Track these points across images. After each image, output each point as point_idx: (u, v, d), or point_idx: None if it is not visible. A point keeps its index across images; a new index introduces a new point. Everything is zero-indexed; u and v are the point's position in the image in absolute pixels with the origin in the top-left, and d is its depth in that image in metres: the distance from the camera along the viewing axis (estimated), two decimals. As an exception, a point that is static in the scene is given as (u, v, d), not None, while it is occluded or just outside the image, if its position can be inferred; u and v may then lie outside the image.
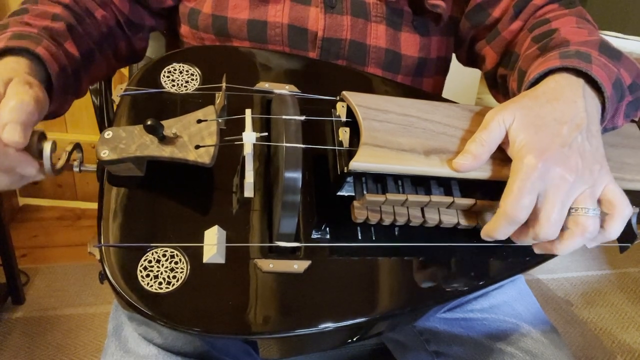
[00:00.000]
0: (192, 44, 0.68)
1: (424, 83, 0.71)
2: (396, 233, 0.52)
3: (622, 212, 0.46)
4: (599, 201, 0.47)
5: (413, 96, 0.54)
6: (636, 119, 0.59)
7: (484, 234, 0.47)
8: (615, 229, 0.47)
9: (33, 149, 0.44)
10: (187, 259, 0.46)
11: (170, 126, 0.47)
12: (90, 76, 0.61)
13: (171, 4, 0.68)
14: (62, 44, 0.55)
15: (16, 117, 0.41)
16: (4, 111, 0.41)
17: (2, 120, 0.41)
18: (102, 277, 0.46)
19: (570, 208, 0.45)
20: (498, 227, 0.46)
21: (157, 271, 0.45)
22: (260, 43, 0.64)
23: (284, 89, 0.57)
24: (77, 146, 0.46)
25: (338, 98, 0.53)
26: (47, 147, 0.44)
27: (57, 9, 0.58)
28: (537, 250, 0.49)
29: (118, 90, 0.54)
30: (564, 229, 0.45)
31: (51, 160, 0.44)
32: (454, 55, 0.75)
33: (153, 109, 0.54)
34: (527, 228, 0.46)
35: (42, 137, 0.45)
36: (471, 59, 0.74)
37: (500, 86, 0.68)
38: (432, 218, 0.50)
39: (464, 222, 0.50)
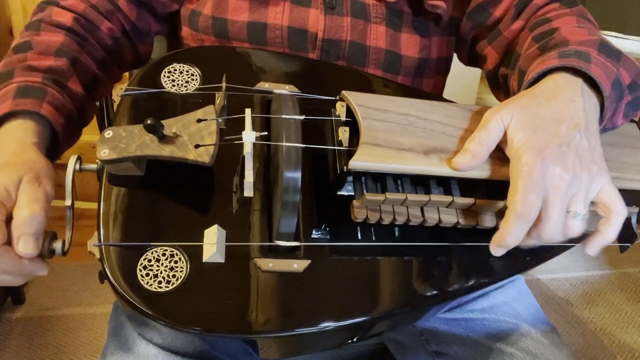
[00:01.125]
0: (192, 46, 0.68)
1: (424, 83, 0.71)
2: (396, 232, 0.52)
3: (618, 216, 0.46)
4: (595, 204, 0.47)
5: (413, 96, 0.54)
6: (636, 119, 0.59)
7: (495, 244, 0.47)
8: (611, 232, 0.47)
9: (44, 251, 0.45)
10: (186, 258, 0.46)
11: (170, 125, 0.47)
12: (95, 99, 0.63)
13: (177, 7, 0.68)
14: (65, 85, 0.56)
15: (28, 230, 0.43)
16: (17, 224, 0.43)
17: (15, 234, 0.43)
18: (102, 276, 0.46)
19: None
20: (510, 229, 0.45)
21: (157, 270, 0.45)
22: (260, 45, 0.64)
23: (284, 89, 0.57)
24: (55, 236, 0.47)
25: (338, 98, 0.53)
26: (58, 247, 0.46)
27: (59, 37, 0.58)
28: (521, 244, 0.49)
29: (118, 90, 0.54)
30: None
31: (63, 253, 0.47)
32: (455, 55, 0.75)
33: (153, 108, 0.54)
34: (530, 229, 0.45)
35: (53, 237, 0.46)
36: (472, 59, 0.74)
37: (502, 86, 0.68)
38: (431, 217, 0.50)
39: (463, 222, 0.51)
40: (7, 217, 0.44)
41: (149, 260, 0.45)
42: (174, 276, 0.45)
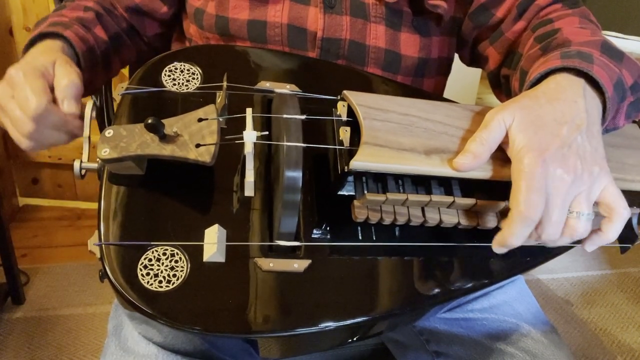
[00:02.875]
0: (199, 43, 0.69)
1: (424, 83, 0.71)
2: (396, 233, 0.52)
3: (620, 216, 0.46)
4: (597, 204, 0.47)
5: (414, 96, 0.54)
6: (637, 120, 0.59)
7: (498, 244, 0.46)
8: (613, 232, 0.47)
9: (82, 114, 0.53)
10: (187, 258, 0.46)
11: (171, 125, 0.47)
12: (121, 57, 0.70)
13: (166, 10, 0.69)
14: (91, 29, 0.64)
15: (70, 93, 0.52)
16: (60, 89, 0.52)
17: (60, 97, 0.52)
18: (102, 275, 0.46)
19: None
20: (514, 230, 0.44)
21: (157, 270, 0.45)
22: (260, 43, 0.64)
23: (285, 88, 0.57)
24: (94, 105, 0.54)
25: (339, 97, 0.53)
26: (88, 108, 0.53)
27: (89, 2, 0.67)
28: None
29: (119, 89, 0.54)
30: None
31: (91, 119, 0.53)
32: (455, 55, 0.75)
33: (154, 107, 0.54)
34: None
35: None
36: (474, 59, 0.73)
37: (504, 86, 0.68)
38: (432, 218, 0.50)
39: (464, 222, 0.50)
40: (50, 87, 0.52)
41: (150, 260, 0.45)
42: (174, 275, 0.45)
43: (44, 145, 0.54)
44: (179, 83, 0.55)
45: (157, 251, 0.46)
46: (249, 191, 0.50)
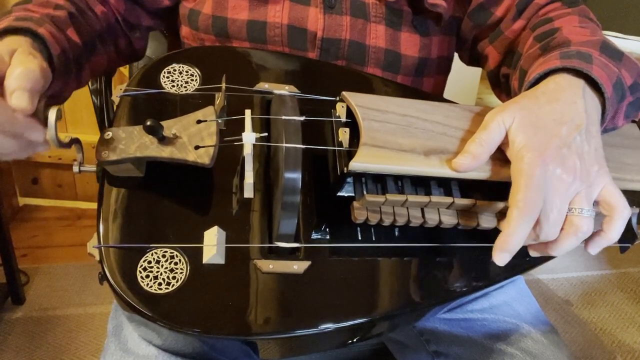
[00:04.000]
0: (193, 45, 0.68)
1: (424, 83, 0.71)
2: (396, 233, 0.52)
3: (621, 214, 0.46)
4: (598, 203, 0.47)
5: (413, 96, 0.54)
6: (636, 119, 0.59)
7: (499, 248, 0.44)
8: (615, 231, 0.47)
9: (40, 116, 0.43)
10: (186, 260, 0.46)
11: (170, 127, 0.47)
12: (92, 66, 0.61)
13: (168, 4, 0.68)
14: (64, 30, 0.55)
15: (23, 84, 0.42)
16: (11, 78, 0.42)
17: (9, 87, 0.42)
18: (102, 278, 0.46)
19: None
20: (514, 228, 0.43)
21: (157, 272, 0.45)
22: (260, 43, 0.64)
23: (284, 90, 0.57)
24: (77, 141, 0.46)
25: (338, 98, 0.53)
26: (52, 114, 0.43)
27: (59, 0, 0.58)
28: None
29: (118, 90, 0.54)
30: None
31: (56, 128, 0.43)
32: (455, 54, 0.75)
33: (153, 109, 0.54)
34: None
35: (49, 104, 0.44)
36: (474, 59, 0.73)
37: (503, 85, 0.68)
38: (432, 218, 0.50)
39: (464, 223, 0.50)
40: (0, 80, 0.42)
41: (149, 262, 0.45)
42: (174, 278, 0.45)
43: None
44: (177, 85, 0.55)
45: (156, 253, 0.46)
46: (248, 193, 0.50)
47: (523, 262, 0.54)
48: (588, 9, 0.63)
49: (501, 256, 0.44)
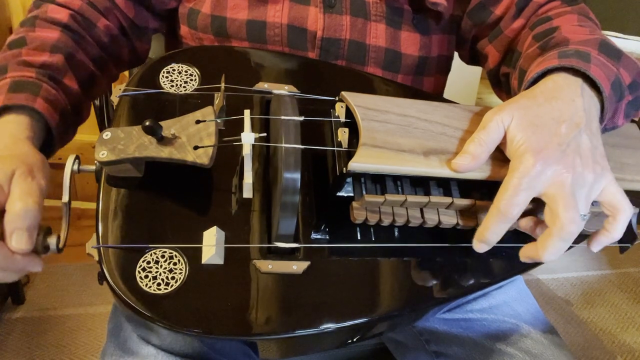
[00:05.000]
0: (191, 45, 0.68)
1: (424, 82, 0.71)
2: (395, 234, 0.52)
3: (624, 214, 0.46)
4: (600, 202, 0.47)
5: (413, 96, 0.54)
6: (636, 119, 0.59)
7: (477, 239, 0.47)
8: (617, 231, 0.47)
9: (38, 246, 0.44)
10: (185, 260, 0.46)
11: (169, 127, 0.47)
12: (91, 98, 0.62)
13: (175, 5, 0.68)
14: (61, 81, 0.55)
15: (21, 224, 0.42)
16: (9, 217, 0.42)
17: (8, 229, 0.42)
18: (101, 278, 0.46)
19: None
20: (490, 226, 0.45)
21: (156, 272, 0.45)
22: (260, 43, 0.64)
23: (283, 90, 0.57)
24: (49, 231, 0.46)
25: (337, 98, 0.53)
26: (53, 243, 0.45)
27: (55, 33, 0.57)
28: (522, 259, 0.48)
29: (117, 90, 0.54)
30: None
31: (57, 249, 0.46)
32: (455, 54, 0.75)
33: (152, 109, 0.54)
34: (550, 231, 0.44)
35: (48, 233, 0.45)
36: (473, 58, 0.73)
37: (504, 84, 0.68)
38: (431, 219, 0.50)
39: (463, 223, 0.50)
40: (0, 212, 0.43)
41: (148, 262, 0.45)
42: (173, 278, 0.45)
43: None
44: (176, 84, 0.55)
45: (155, 254, 0.46)
46: (247, 193, 0.50)
47: (523, 262, 0.54)
48: (587, 8, 0.63)
49: (480, 246, 0.47)
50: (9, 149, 0.46)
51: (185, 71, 0.56)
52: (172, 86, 0.55)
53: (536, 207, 0.48)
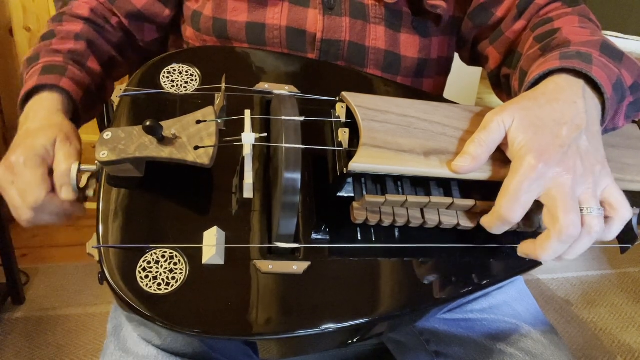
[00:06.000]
0: (196, 46, 0.68)
1: (424, 84, 0.71)
2: (396, 234, 0.52)
3: (623, 215, 0.46)
4: (600, 203, 0.47)
5: (413, 97, 0.54)
6: (637, 120, 0.59)
7: (483, 222, 0.48)
8: (613, 231, 0.47)
9: (81, 197, 0.53)
10: (186, 260, 0.46)
11: (170, 127, 0.47)
12: (114, 78, 0.72)
13: (169, 13, 0.70)
14: (84, 64, 0.65)
15: (67, 180, 0.52)
16: (58, 175, 0.52)
17: (58, 183, 0.52)
18: (101, 278, 0.46)
19: None
20: (492, 225, 0.47)
21: (156, 272, 0.45)
22: (259, 46, 0.64)
23: (284, 90, 0.57)
24: (86, 185, 0.53)
25: (337, 99, 0.53)
26: (90, 193, 0.53)
27: (79, 25, 0.67)
28: (519, 254, 0.48)
29: (117, 90, 0.54)
30: None
31: (79, 188, 0.53)
32: (455, 55, 0.75)
33: (152, 109, 0.54)
34: (549, 233, 0.44)
35: (86, 187, 0.53)
36: (474, 59, 0.73)
37: (504, 86, 0.68)
38: (431, 219, 0.50)
39: (463, 223, 0.50)
40: (49, 170, 0.53)
41: (149, 262, 0.45)
42: (173, 278, 0.45)
43: (41, 223, 0.55)
44: (177, 85, 0.55)
45: (156, 254, 0.46)
46: (247, 193, 0.50)
47: (523, 262, 0.54)
48: (588, 9, 0.62)
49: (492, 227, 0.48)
50: (47, 119, 0.56)
51: (186, 71, 0.56)
52: (173, 86, 0.55)
53: (536, 207, 0.48)
